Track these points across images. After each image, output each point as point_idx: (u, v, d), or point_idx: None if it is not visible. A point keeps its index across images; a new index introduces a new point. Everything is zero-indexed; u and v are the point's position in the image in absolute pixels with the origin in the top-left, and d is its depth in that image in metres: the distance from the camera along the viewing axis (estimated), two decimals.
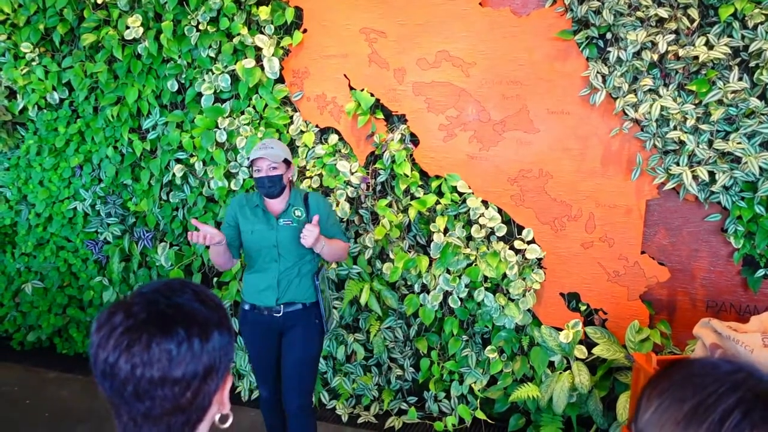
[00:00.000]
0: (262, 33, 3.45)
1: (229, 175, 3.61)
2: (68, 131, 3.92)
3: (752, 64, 2.67)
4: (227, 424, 1.01)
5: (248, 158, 2.71)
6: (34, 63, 3.84)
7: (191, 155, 3.69)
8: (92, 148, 3.93)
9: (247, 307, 2.78)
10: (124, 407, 0.90)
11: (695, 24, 2.72)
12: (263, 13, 3.37)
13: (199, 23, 3.46)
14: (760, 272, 2.81)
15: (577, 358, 3.05)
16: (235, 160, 3.56)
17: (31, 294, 4.21)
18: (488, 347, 3.23)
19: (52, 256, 4.18)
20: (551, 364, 3.17)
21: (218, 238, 2.52)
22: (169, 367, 0.88)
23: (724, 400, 0.64)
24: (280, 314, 2.69)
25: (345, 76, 3.39)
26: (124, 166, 3.89)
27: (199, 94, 3.59)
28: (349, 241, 2.89)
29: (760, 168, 2.63)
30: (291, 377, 2.73)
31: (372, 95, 3.33)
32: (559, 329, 3.11)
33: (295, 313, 2.71)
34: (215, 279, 3.82)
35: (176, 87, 3.64)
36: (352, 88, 3.38)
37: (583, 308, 3.13)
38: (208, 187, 3.68)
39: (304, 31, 3.44)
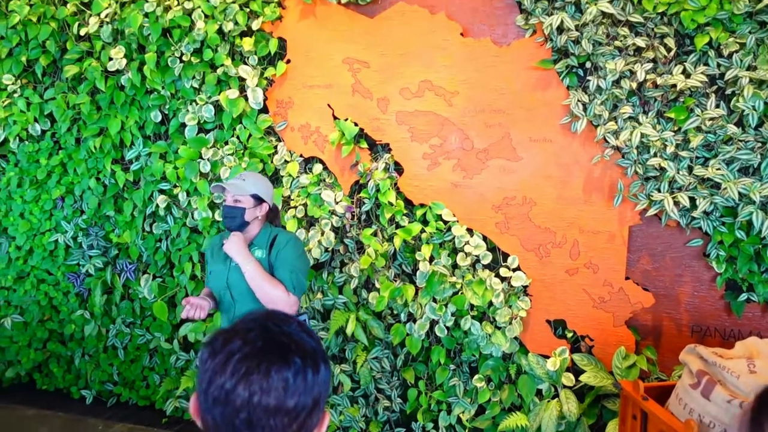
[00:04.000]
0: (245, 64, 3.47)
1: (213, 206, 3.59)
2: (50, 163, 3.89)
3: (729, 91, 2.72)
4: None
5: (214, 187, 2.65)
6: (15, 95, 3.82)
7: (175, 186, 3.67)
8: (74, 180, 3.91)
9: None
10: None
11: (672, 53, 2.78)
12: (247, 44, 3.39)
13: (182, 54, 3.47)
14: (743, 296, 2.83)
15: (564, 386, 3.04)
16: None
17: (11, 328, 4.13)
18: (476, 376, 3.21)
19: (33, 289, 4.12)
20: (539, 392, 3.15)
21: (208, 307, 2.50)
22: (284, 397, 0.88)
23: None
24: None
25: (329, 105, 3.41)
26: (106, 198, 3.86)
27: (183, 125, 3.59)
28: (295, 294, 2.51)
29: (739, 193, 2.67)
30: None
31: (356, 125, 3.34)
32: (546, 357, 3.10)
33: None
34: None
35: (160, 118, 3.64)
36: (335, 118, 3.40)
37: (569, 335, 3.12)
38: (192, 218, 3.66)
39: (288, 61, 3.46)
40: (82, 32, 3.56)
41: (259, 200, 2.62)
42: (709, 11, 2.64)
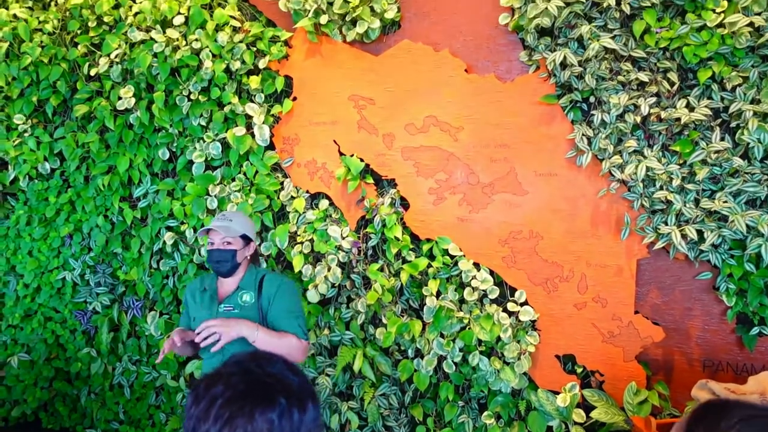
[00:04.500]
0: (252, 101, 3.51)
1: None
2: (59, 201, 3.92)
3: (733, 124, 2.72)
4: None
5: (200, 231, 2.58)
6: (26, 134, 3.87)
7: (182, 223, 3.69)
8: (82, 218, 3.93)
9: None
10: None
11: (675, 87, 2.80)
12: (254, 82, 3.44)
13: (190, 93, 3.52)
14: (755, 330, 2.79)
15: (575, 422, 2.99)
16: None
17: (17, 367, 4.12)
18: (485, 413, 3.16)
19: (40, 327, 4.11)
20: (549, 429, 3.10)
21: (179, 341, 2.41)
22: None
23: None
24: None
25: (335, 142, 3.44)
26: (114, 235, 3.88)
27: (190, 162, 3.62)
28: (307, 338, 2.51)
29: (747, 226, 2.66)
30: None
31: (361, 160, 3.36)
32: (556, 393, 3.06)
33: None
34: None
35: (167, 155, 3.67)
36: (341, 154, 3.42)
37: (579, 370, 3.08)
38: (199, 254, 3.66)
39: (294, 99, 3.50)
40: (92, 72, 3.62)
41: (247, 240, 2.59)
42: (710, 46, 2.66)
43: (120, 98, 3.58)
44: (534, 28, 2.95)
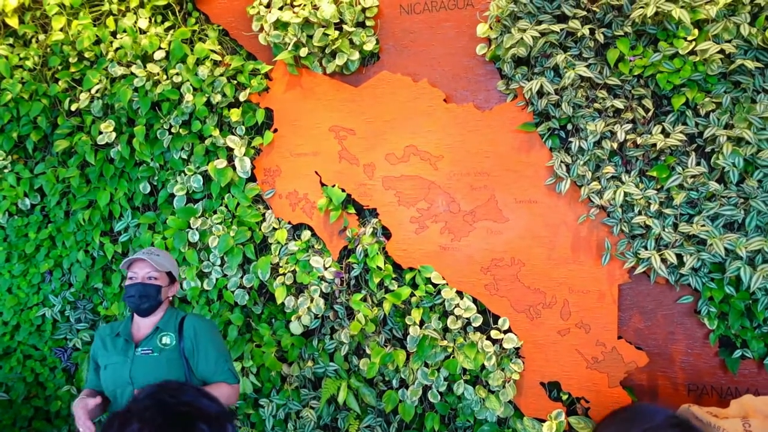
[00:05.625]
0: (233, 134, 3.52)
1: (201, 276, 3.57)
2: (39, 236, 3.88)
3: (708, 149, 2.76)
4: None
5: (124, 262, 2.42)
6: (6, 170, 3.85)
7: None
8: (63, 253, 3.89)
9: None
10: None
11: (650, 113, 2.84)
12: (234, 115, 3.45)
13: (171, 126, 3.53)
14: (737, 353, 2.80)
15: None
16: (208, 260, 3.54)
17: None
18: None
19: (19, 365, 4.04)
20: None
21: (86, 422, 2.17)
22: None
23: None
24: None
25: (316, 172, 3.44)
26: (94, 270, 3.84)
27: (172, 195, 3.61)
28: (237, 380, 2.41)
29: (726, 249, 2.68)
30: None
31: (343, 191, 3.37)
32: (542, 420, 3.04)
33: None
34: None
35: (149, 189, 3.66)
36: (323, 185, 3.43)
37: (564, 397, 3.07)
38: (181, 288, 3.63)
39: (275, 130, 3.51)
40: (73, 107, 3.62)
41: (172, 279, 2.50)
42: (683, 73, 2.71)
43: (101, 133, 3.58)
44: (510, 57, 2.99)
